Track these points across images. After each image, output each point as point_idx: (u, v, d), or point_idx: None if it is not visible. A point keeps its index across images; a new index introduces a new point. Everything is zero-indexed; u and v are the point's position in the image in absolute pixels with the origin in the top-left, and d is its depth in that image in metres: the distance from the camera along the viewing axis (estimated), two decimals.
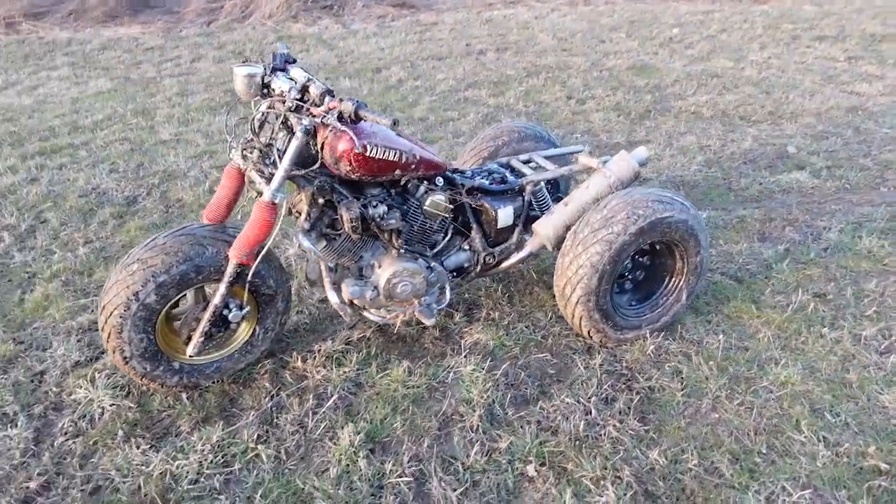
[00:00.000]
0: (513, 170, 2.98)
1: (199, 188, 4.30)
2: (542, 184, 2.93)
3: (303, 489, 2.15)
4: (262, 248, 2.32)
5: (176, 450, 2.29)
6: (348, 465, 2.22)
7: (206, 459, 2.24)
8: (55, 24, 9.32)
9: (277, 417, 2.43)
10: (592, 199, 2.73)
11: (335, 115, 2.18)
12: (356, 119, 2.18)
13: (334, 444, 2.31)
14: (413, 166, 2.46)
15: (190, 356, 2.44)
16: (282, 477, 2.20)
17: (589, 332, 2.68)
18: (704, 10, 9.36)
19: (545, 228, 2.75)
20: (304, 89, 2.29)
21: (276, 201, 2.28)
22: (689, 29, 8.39)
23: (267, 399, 2.52)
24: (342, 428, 2.36)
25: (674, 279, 2.78)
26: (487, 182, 2.80)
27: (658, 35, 8.15)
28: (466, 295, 3.12)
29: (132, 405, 2.49)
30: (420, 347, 2.79)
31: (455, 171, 2.79)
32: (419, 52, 7.69)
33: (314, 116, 2.23)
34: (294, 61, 2.56)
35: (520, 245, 2.85)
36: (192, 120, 5.72)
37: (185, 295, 2.46)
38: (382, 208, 2.48)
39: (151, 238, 2.38)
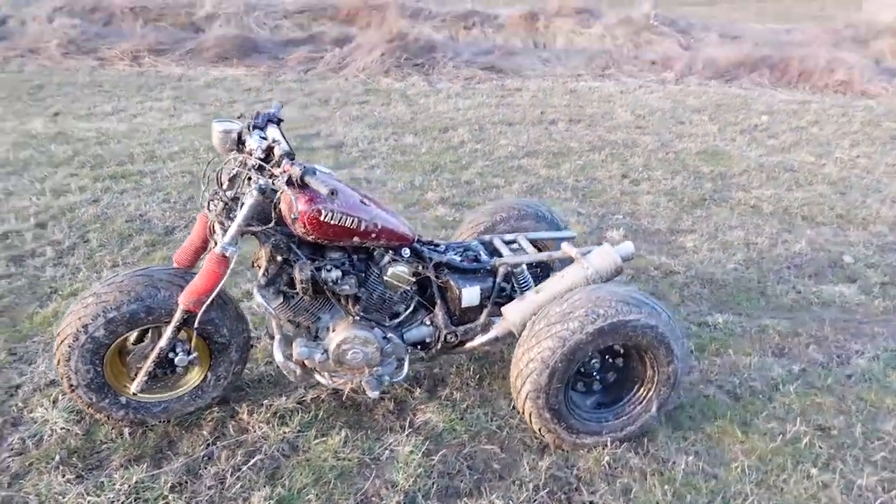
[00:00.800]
0: (493, 249, 2.89)
1: None
2: (524, 266, 2.83)
3: None
4: (209, 297, 2.35)
5: (96, 485, 2.32)
6: None
7: (118, 500, 2.26)
8: (173, 61, 10.21)
9: (203, 468, 2.42)
10: (566, 289, 2.60)
11: (285, 179, 2.22)
12: (302, 184, 2.21)
13: None
14: (373, 235, 2.44)
15: (133, 393, 2.50)
16: None
17: (540, 431, 2.51)
18: (802, 101, 8.90)
19: (513, 314, 2.64)
20: (270, 150, 2.35)
21: (227, 254, 2.33)
22: (778, 118, 8.00)
23: (202, 447, 2.52)
24: (259, 490, 2.31)
25: (643, 388, 2.57)
26: (458, 259, 2.73)
27: (743, 121, 7.82)
28: (437, 370, 3.02)
29: (79, 432, 2.57)
30: (370, 418, 2.72)
31: (429, 243, 2.75)
32: (491, 116, 7.76)
33: (273, 177, 2.28)
34: (279, 121, 2.64)
35: (486, 327, 2.74)
36: None
37: (147, 332, 2.55)
38: (336, 273, 2.47)
39: (114, 275, 2.49)
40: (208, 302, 2.35)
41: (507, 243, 2.92)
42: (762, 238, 4.57)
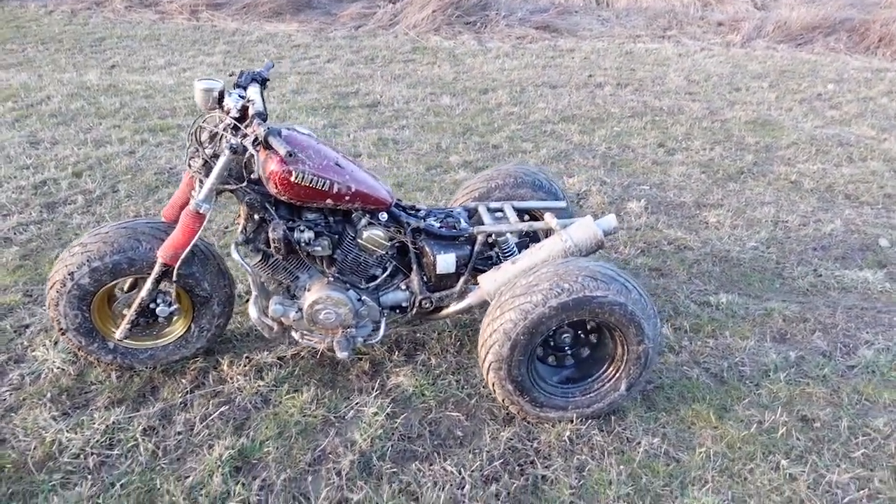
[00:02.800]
0: (476, 216, 2.86)
1: None
2: (509, 235, 2.78)
3: (157, 489, 2.24)
4: (185, 251, 2.44)
5: (77, 423, 2.48)
6: (207, 477, 2.27)
7: (94, 438, 2.41)
8: (229, 16, 10.37)
9: (177, 415, 2.55)
10: (542, 260, 2.55)
11: (252, 139, 2.25)
12: (266, 145, 2.23)
13: (209, 453, 2.37)
14: (347, 198, 2.45)
15: (117, 340, 2.63)
16: (149, 472, 2.30)
17: (504, 401, 2.50)
18: (877, 69, 8.26)
19: (488, 283, 2.62)
20: (245, 109, 2.38)
21: (201, 211, 2.40)
22: (846, 86, 7.46)
23: (180, 395, 2.65)
24: (223, 439, 2.42)
25: (613, 366, 2.51)
26: (437, 225, 2.71)
27: (807, 89, 7.33)
28: (419, 335, 3.04)
29: (73, 373, 2.74)
30: (344, 378, 2.78)
31: (410, 208, 2.74)
32: (535, 78, 7.57)
33: (245, 136, 2.32)
34: (265, 81, 2.65)
35: (463, 295, 2.73)
36: (289, 117, 6.10)
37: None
38: (309, 234, 2.50)
39: (102, 226, 2.60)
40: (184, 256, 2.44)
41: (493, 211, 2.88)
42: (794, 216, 4.32)
